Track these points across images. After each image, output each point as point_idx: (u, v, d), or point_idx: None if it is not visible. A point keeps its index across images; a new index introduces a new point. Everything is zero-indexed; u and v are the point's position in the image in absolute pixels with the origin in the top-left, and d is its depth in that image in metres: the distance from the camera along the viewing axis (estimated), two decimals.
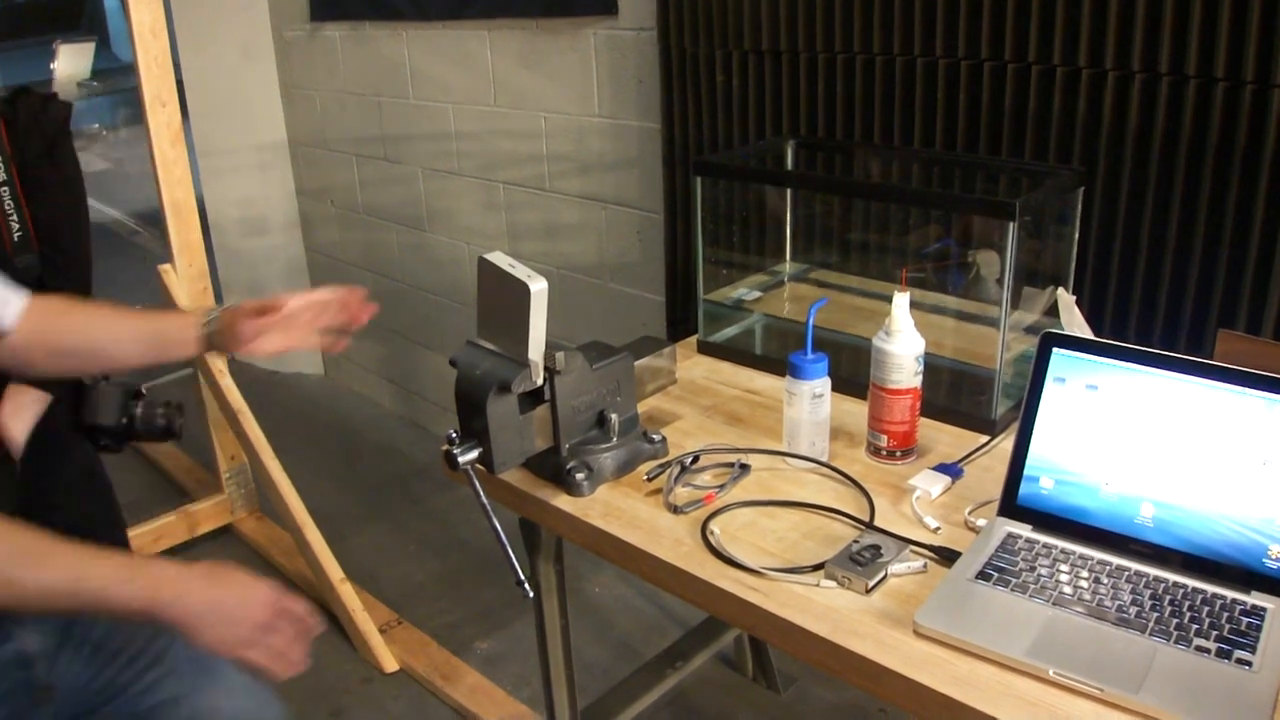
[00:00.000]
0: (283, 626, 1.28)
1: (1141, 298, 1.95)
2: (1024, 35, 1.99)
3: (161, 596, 1.19)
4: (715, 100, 2.58)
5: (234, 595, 1.25)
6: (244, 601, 1.25)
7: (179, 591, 1.21)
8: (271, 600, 1.27)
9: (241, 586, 1.26)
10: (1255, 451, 1.22)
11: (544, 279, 1.36)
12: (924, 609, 1.21)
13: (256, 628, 1.25)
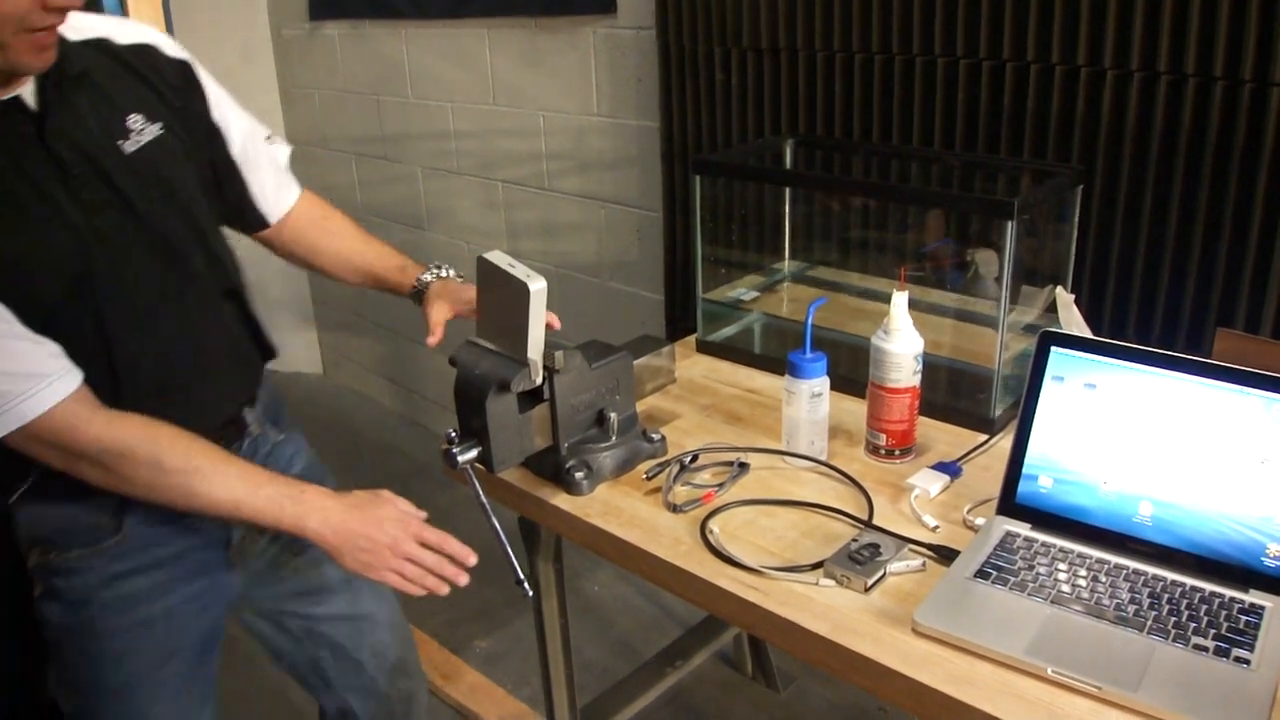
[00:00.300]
0: (423, 555, 1.41)
1: (1140, 296, 1.95)
2: (1022, 34, 1.99)
3: (309, 524, 1.38)
4: (714, 99, 2.58)
5: (374, 525, 1.39)
6: (384, 531, 1.39)
7: (324, 520, 1.38)
8: (411, 531, 1.41)
9: (383, 519, 1.40)
10: (1254, 450, 1.22)
11: (543, 278, 1.36)
12: (923, 607, 1.22)
13: (395, 555, 1.39)
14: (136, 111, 1.37)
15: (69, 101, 1.30)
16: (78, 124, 1.31)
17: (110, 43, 1.39)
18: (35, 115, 1.27)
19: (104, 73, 1.36)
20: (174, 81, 1.44)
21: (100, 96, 1.34)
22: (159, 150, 1.39)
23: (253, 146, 1.57)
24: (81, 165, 1.30)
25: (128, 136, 1.35)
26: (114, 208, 1.33)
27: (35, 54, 1.20)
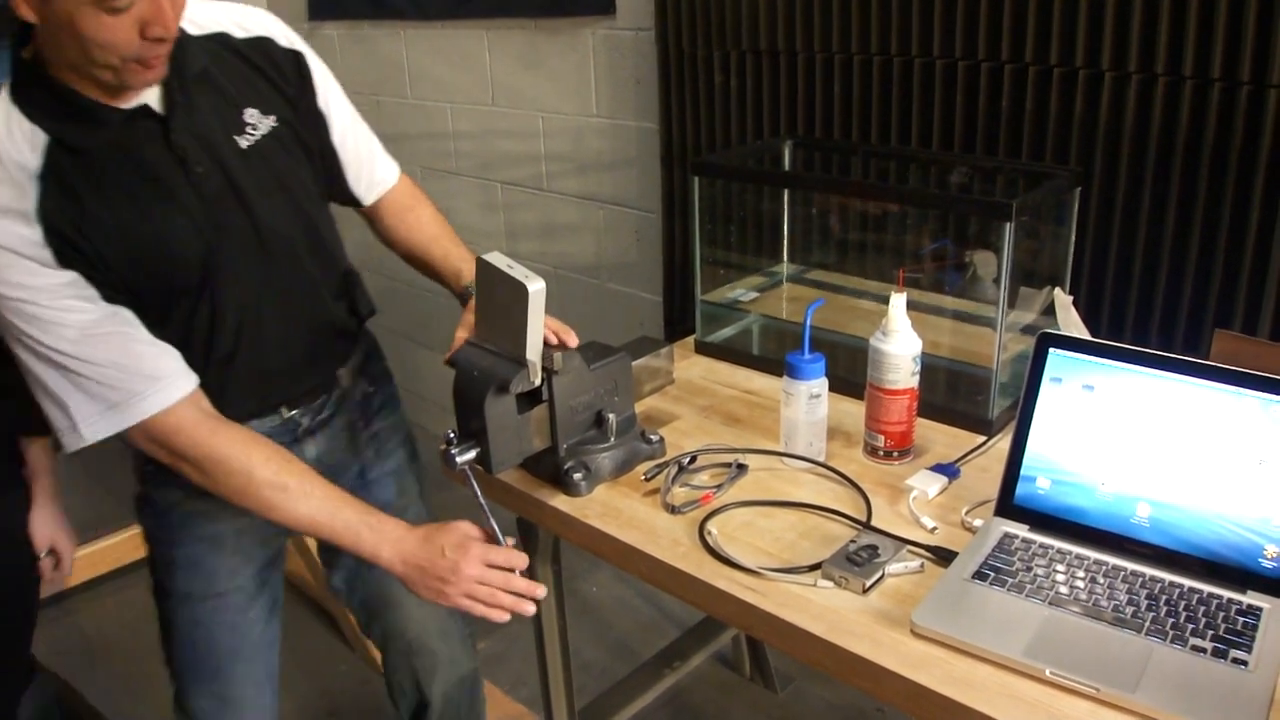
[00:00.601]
0: (487, 574, 1.43)
1: (1138, 298, 1.95)
2: (1021, 36, 1.99)
3: (382, 554, 1.46)
4: (713, 100, 2.59)
5: (436, 552, 1.44)
6: (445, 557, 1.43)
7: (396, 551, 1.45)
8: (473, 555, 1.43)
9: (444, 545, 1.44)
10: (1251, 451, 1.22)
11: (542, 279, 1.36)
12: (921, 609, 1.22)
13: (461, 590, 1.43)
14: (252, 106, 1.48)
15: (191, 101, 1.41)
16: (199, 122, 1.42)
17: (229, 38, 1.48)
18: (161, 118, 1.39)
19: (222, 69, 1.46)
20: (287, 73, 1.53)
21: (219, 93, 1.45)
22: (273, 143, 1.49)
23: (352, 132, 1.66)
24: (203, 162, 1.42)
25: (243, 131, 1.46)
26: (230, 200, 1.45)
27: (143, 75, 1.31)
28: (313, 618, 2.94)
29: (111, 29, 1.23)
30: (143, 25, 1.25)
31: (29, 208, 1.31)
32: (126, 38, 1.24)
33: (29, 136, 1.32)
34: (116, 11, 1.22)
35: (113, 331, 1.38)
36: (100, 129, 1.35)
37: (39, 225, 1.31)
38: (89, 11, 1.21)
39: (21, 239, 1.31)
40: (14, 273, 1.32)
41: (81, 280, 1.35)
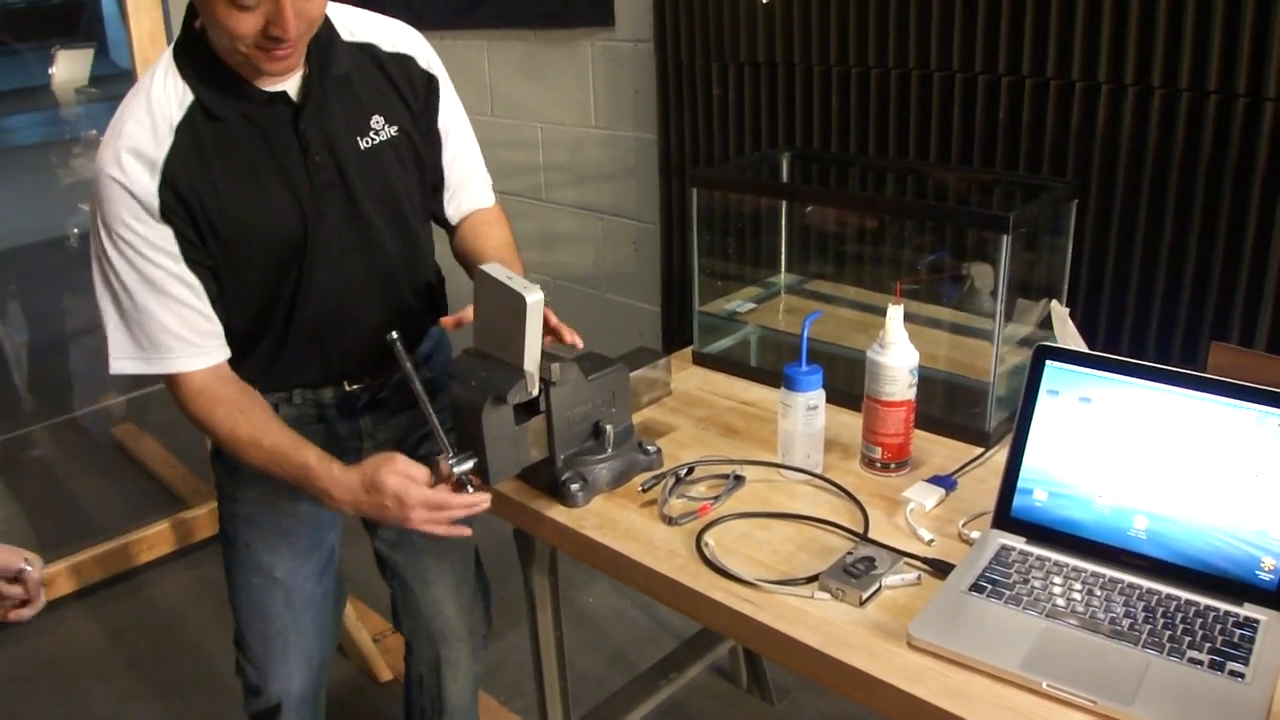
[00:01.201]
0: (436, 519, 1.47)
1: (1135, 310, 1.96)
2: (1017, 49, 2.00)
3: (332, 498, 1.50)
4: (711, 112, 2.59)
5: (390, 514, 1.47)
6: (400, 519, 1.47)
7: (342, 498, 1.50)
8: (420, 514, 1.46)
9: (396, 509, 1.46)
10: (1248, 464, 1.22)
11: (540, 290, 1.36)
12: (918, 621, 1.22)
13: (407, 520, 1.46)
14: (380, 114, 1.62)
15: (326, 97, 1.56)
16: (328, 118, 1.56)
17: (376, 49, 1.63)
18: (296, 105, 1.54)
19: (363, 75, 1.61)
20: (419, 91, 1.67)
21: (353, 96, 1.60)
22: (389, 151, 1.63)
23: (462, 158, 1.78)
24: (323, 153, 1.56)
25: (366, 134, 1.61)
26: (337, 191, 1.58)
27: (270, 63, 1.44)
28: None
29: (239, 21, 1.37)
30: (267, 23, 1.38)
31: (159, 157, 1.47)
32: (251, 31, 1.38)
33: (179, 93, 1.49)
34: (244, 8, 1.36)
35: (174, 294, 1.52)
36: (240, 101, 1.51)
37: (160, 175, 1.47)
38: (223, 3, 1.36)
39: (141, 183, 1.46)
40: (122, 208, 1.47)
41: (172, 238, 1.50)
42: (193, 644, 2.92)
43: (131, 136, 1.47)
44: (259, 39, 1.40)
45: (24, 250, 5.95)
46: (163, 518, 3.26)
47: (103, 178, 1.47)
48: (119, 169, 1.46)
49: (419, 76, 1.67)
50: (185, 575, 3.25)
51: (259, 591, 1.81)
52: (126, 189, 1.46)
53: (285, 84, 1.53)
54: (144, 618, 3.06)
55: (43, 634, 2.98)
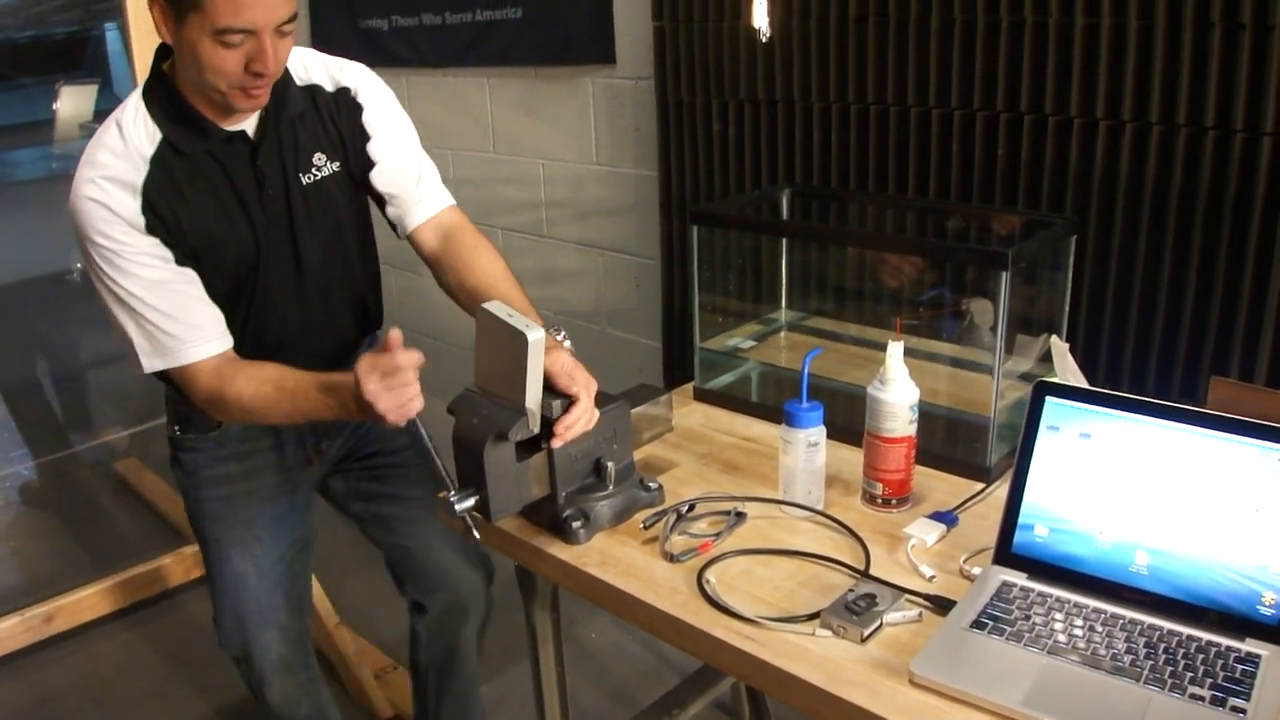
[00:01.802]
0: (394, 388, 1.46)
1: (1135, 345, 1.96)
2: (1015, 85, 2.01)
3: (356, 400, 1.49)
4: (712, 148, 2.61)
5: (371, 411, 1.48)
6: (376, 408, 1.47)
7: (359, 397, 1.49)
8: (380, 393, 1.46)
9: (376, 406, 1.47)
10: (1248, 499, 1.23)
11: (542, 329, 1.37)
12: (919, 658, 1.22)
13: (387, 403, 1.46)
14: (321, 151, 1.77)
15: (279, 137, 1.72)
16: (279, 155, 1.72)
17: (319, 90, 1.77)
18: (253, 144, 1.70)
19: (308, 117, 1.75)
20: (352, 123, 1.79)
21: (299, 136, 1.74)
22: (330, 185, 1.79)
23: (392, 167, 1.84)
24: (275, 186, 1.72)
25: (309, 171, 1.76)
26: (283, 224, 1.75)
27: (245, 100, 1.59)
28: None
29: (224, 59, 1.51)
30: (248, 60, 1.52)
31: (137, 183, 1.61)
32: (234, 68, 1.52)
33: (149, 131, 1.64)
34: (230, 46, 1.50)
35: (177, 288, 1.65)
36: (203, 139, 1.66)
37: (140, 198, 1.61)
38: (208, 42, 1.50)
39: (125, 205, 1.60)
40: (112, 229, 1.60)
41: (160, 244, 1.63)
42: (204, 674, 2.91)
43: (108, 166, 1.62)
44: (241, 77, 1.53)
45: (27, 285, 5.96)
46: (165, 552, 3.26)
47: (83, 201, 1.60)
48: (99, 191, 1.60)
49: (351, 108, 1.78)
50: (192, 609, 3.24)
51: (231, 583, 1.94)
52: (109, 208, 1.60)
53: (244, 124, 1.68)
54: (155, 647, 3.05)
55: (45, 668, 2.97)
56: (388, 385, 1.44)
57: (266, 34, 1.51)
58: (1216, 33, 1.78)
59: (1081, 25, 1.92)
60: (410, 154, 1.86)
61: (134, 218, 1.61)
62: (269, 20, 1.50)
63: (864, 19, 2.24)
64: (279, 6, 1.52)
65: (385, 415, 1.45)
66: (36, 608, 3.00)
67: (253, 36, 1.51)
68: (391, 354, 1.44)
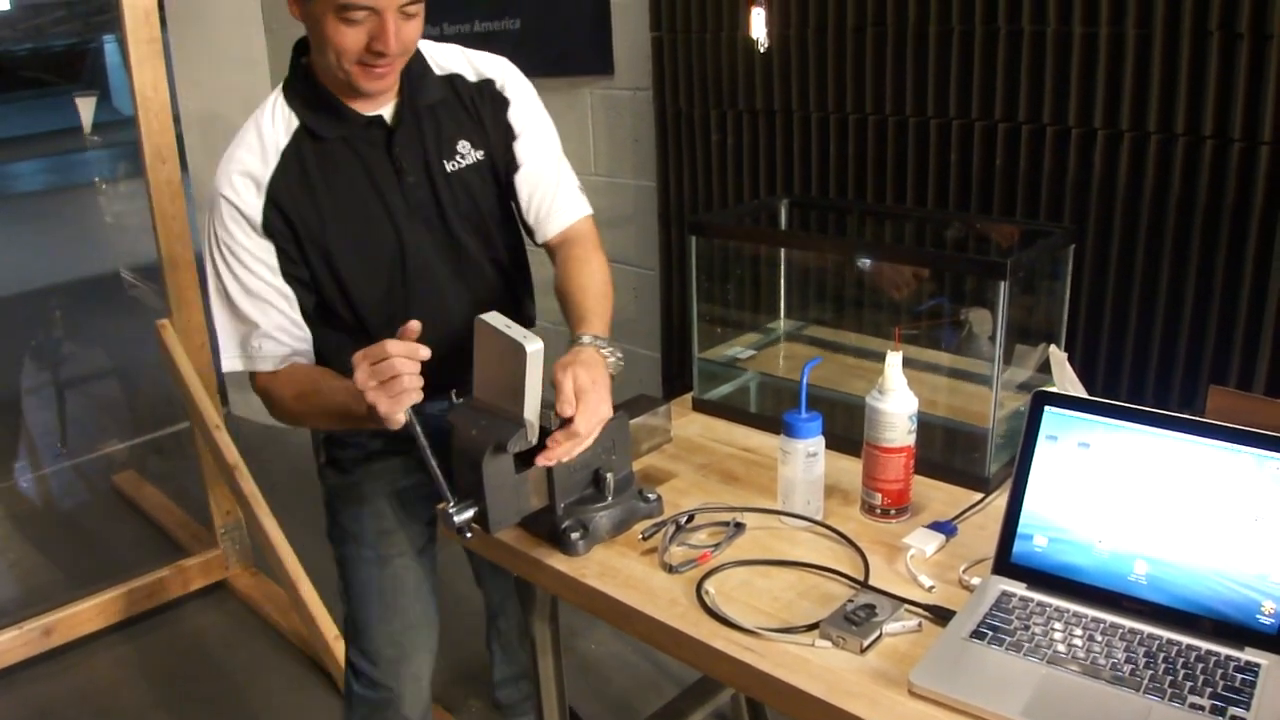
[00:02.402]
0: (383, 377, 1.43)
1: (1133, 354, 1.96)
2: (1014, 95, 2.02)
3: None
4: (710, 159, 2.61)
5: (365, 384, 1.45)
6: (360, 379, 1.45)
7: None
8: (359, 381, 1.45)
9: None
10: (1247, 508, 1.22)
11: (540, 340, 1.37)
12: (919, 668, 1.21)
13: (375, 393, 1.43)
14: (465, 139, 1.78)
15: (418, 124, 1.74)
16: (419, 142, 1.74)
17: (461, 80, 1.79)
18: (389, 129, 1.72)
19: (450, 104, 1.77)
20: (497, 116, 1.81)
21: (441, 123, 1.76)
22: (474, 174, 1.79)
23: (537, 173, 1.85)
24: (416, 174, 1.74)
25: (453, 158, 1.77)
26: (430, 211, 1.76)
27: (369, 81, 1.62)
28: (306, 672, 2.92)
29: (345, 36, 1.55)
30: (370, 38, 1.55)
31: (265, 177, 1.66)
32: (356, 45, 1.56)
33: (286, 120, 1.69)
34: (351, 23, 1.54)
35: (270, 302, 1.69)
36: (340, 124, 1.69)
37: (265, 193, 1.66)
38: (332, 19, 1.53)
39: (248, 200, 1.65)
40: (231, 222, 1.66)
41: (273, 252, 1.68)
42: (203, 688, 2.90)
43: (242, 161, 1.67)
44: (362, 54, 1.56)
45: (28, 297, 5.96)
46: (163, 565, 3.26)
47: (216, 197, 1.67)
48: (231, 188, 1.66)
49: (497, 100, 1.80)
50: (191, 622, 3.23)
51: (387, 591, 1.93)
52: (236, 206, 1.65)
53: (381, 109, 1.71)
54: (154, 661, 3.04)
55: (43, 681, 2.97)
56: (377, 374, 1.41)
57: (389, 12, 1.54)
58: (1214, 42, 1.78)
59: (1079, 34, 1.93)
60: (552, 158, 1.87)
61: (255, 215, 1.66)
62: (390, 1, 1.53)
63: (862, 29, 2.24)
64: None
65: (376, 406, 1.41)
66: (35, 621, 3.00)
67: (375, 14, 1.53)
68: (383, 343, 1.41)
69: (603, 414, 1.47)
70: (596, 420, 1.46)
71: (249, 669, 2.99)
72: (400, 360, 1.40)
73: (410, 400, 1.42)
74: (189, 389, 2.93)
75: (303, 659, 2.98)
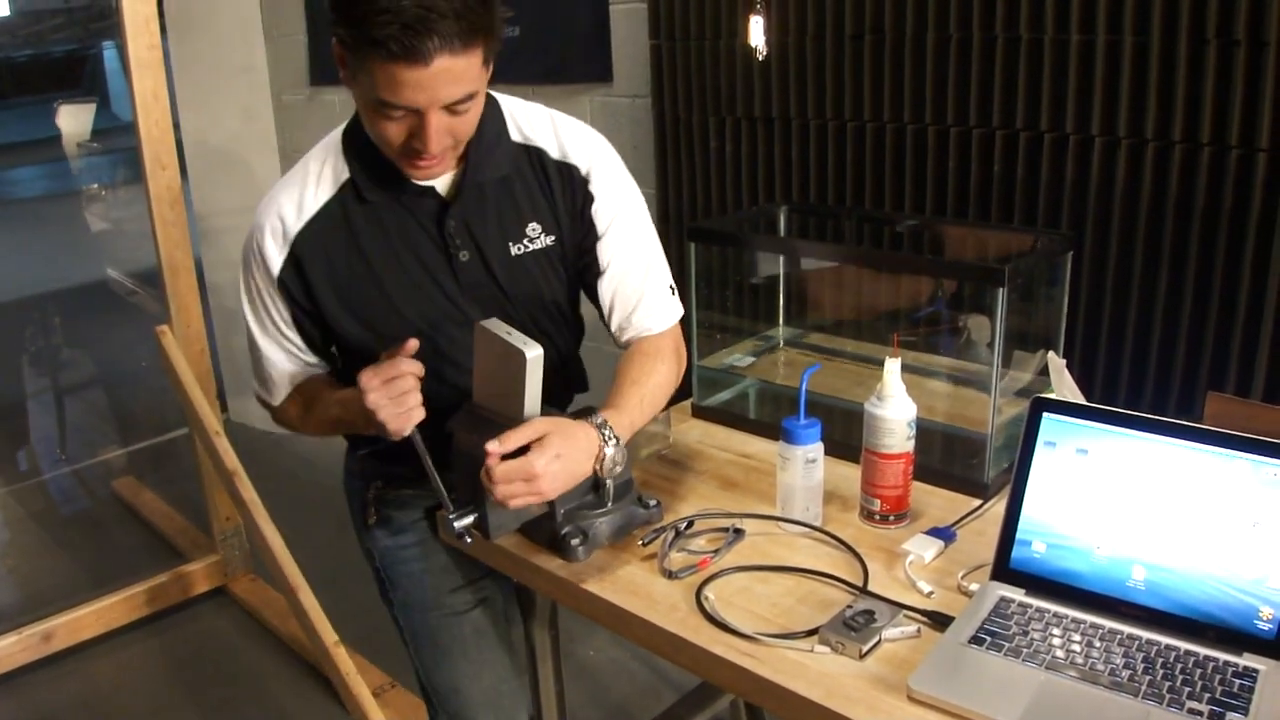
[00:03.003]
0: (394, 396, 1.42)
1: (1131, 360, 1.97)
2: (1012, 103, 2.02)
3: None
4: (709, 166, 2.62)
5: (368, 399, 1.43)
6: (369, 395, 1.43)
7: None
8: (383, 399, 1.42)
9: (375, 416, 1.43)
10: (1245, 514, 1.23)
11: (539, 346, 1.37)
12: (918, 674, 1.22)
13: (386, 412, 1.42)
14: (538, 221, 1.61)
15: (481, 198, 1.58)
16: (480, 218, 1.58)
17: (544, 155, 1.61)
18: (444, 203, 1.56)
19: (525, 179, 1.60)
20: (578, 207, 1.63)
21: (511, 200, 1.60)
22: (542, 259, 1.63)
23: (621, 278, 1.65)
24: (470, 251, 1.58)
25: (520, 241, 1.60)
26: (486, 291, 1.60)
27: (414, 171, 1.49)
28: (306, 678, 2.92)
29: (387, 128, 1.41)
30: (410, 134, 1.41)
31: (292, 230, 1.56)
32: (397, 138, 1.42)
33: (335, 171, 1.57)
34: (390, 118, 1.39)
35: (285, 345, 1.64)
36: (391, 188, 1.55)
37: (288, 250, 1.56)
38: (373, 108, 1.39)
39: (272, 253, 1.57)
40: (256, 272, 1.60)
41: (285, 306, 1.60)
42: (203, 692, 2.91)
43: (280, 205, 1.57)
44: (404, 147, 1.43)
45: (26, 302, 5.96)
46: (163, 571, 3.26)
47: (252, 235, 1.59)
48: (261, 232, 1.57)
49: (582, 193, 1.62)
50: (191, 627, 3.23)
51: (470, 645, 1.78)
52: (262, 252, 1.57)
53: (436, 181, 1.56)
54: (154, 666, 3.04)
55: (43, 687, 2.97)
56: (389, 393, 1.40)
57: (432, 112, 1.38)
58: (1211, 49, 1.79)
59: (1077, 42, 1.93)
60: (639, 261, 1.67)
61: (273, 268, 1.57)
62: (432, 101, 1.37)
63: (860, 37, 2.25)
64: (447, 87, 1.36)
65: (386, 424, 1.40)
66: (34, 626, 3.00)
67: (415, 112, 1.38)
68: (394, 361, 1.40)
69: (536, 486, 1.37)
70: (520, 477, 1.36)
71: (249, 675, 2.99)
72: (413, 381, 1.41)
73: (419, 417, 1.42)
74: (188, 395, 2.94)
75: (302, 665, 2.98)
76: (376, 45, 1.30)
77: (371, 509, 1.80)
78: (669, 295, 1.69)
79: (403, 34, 1.29)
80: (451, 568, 1.77)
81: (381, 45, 1.30)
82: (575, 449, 1.41)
